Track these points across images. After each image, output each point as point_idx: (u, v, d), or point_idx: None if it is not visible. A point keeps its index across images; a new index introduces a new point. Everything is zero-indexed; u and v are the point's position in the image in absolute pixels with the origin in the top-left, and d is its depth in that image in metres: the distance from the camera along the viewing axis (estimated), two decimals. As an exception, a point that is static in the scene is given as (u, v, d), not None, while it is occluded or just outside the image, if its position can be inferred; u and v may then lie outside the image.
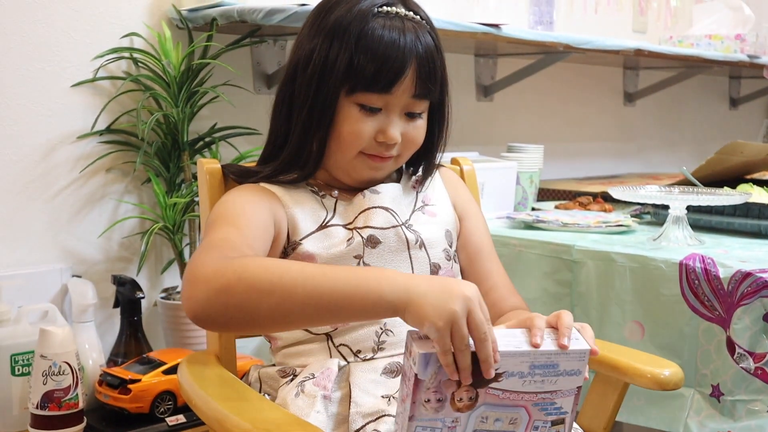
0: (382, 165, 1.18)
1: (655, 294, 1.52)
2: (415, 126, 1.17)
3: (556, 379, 0.93)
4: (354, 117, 1.13)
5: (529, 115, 2.76)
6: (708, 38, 2.96)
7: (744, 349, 1.41)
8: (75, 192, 1.74)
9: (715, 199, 1.67)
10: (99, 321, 1.73)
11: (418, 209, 1.23)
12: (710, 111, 3.55)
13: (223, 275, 0.94)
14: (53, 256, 1.72)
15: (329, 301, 0.93)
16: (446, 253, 1.21)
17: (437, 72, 1.15)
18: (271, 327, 1.03)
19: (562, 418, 0.95)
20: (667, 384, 1.16)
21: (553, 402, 0.94)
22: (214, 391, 1.07)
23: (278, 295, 0.93)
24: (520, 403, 0.93)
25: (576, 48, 2.24)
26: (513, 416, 0.94)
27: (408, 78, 1.12)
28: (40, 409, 1.46)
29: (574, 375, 0.94)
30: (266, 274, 0.94)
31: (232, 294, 0.93)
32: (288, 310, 0.93)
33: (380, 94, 1.12)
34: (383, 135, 1.14)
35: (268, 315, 0.94)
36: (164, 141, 1.76)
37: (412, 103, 1.15)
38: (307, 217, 1.17)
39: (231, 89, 1.85)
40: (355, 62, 1.11)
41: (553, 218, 1.87)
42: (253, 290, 0.93)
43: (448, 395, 0.91)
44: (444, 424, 0.93)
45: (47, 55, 1.69)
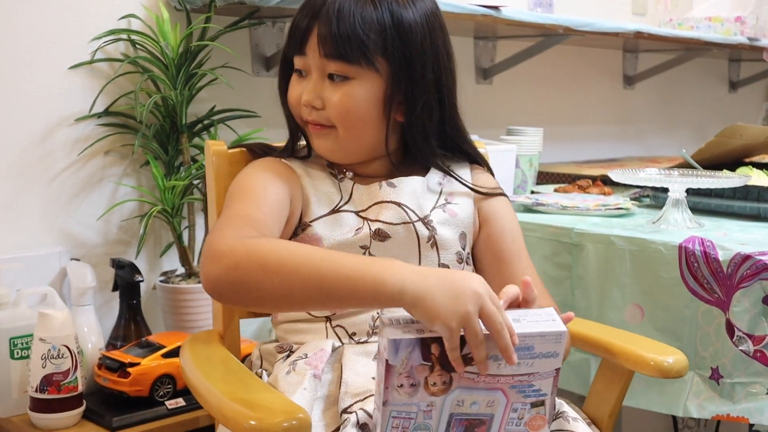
0: (319, 133, 1.17)
1: (654, 277, 1.52)
2: (338, 90, 1.14)
3: (533, 361, 0.93)
4: (292, 83, 1.18)
5: (528, 98, 2.76)
6: (708, 21, 2.95)
7: (743, 331, 1.41)
8: (73, 175, 1.74)
9: (714, 182, 1.66)
10: (98, 304, 1.73)
11: (440, 206, 1.21)
12: (710, 94, 3.54)
13: (236, 253, 0.98)
14: (52, 240, 1.71)
15: (331, 286, 0.95)
16: (458, 256, 1.20)
17: (349, 33, 1.10)
18: (276, 306, 1.04)
19: (542, 399, 0.95)
20: (669, 372, 1.15)
21: (531, 384, 0.93)
22: (209, 370, 1.09)
23: (283, 275, 0.96)
24: (496, 386, 0.93)
25: (576, 30, 2.23)
26: (490, 399, 0.93)
27: (313, 37, 1.12)
28: (40, 393, 1.46)
29: (551, 357, 0.93)
30: (274, 254, 0.97)
31: (241, 271, 0.97)
32: (291, 290, 0.96)
33: (300, 56, 1.15)
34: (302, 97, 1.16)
35: (272, 294, 0.97)
36: (163, 123, 1.75)
37: (326, 64, 1.13)
38: (321, 200, 1.18)
39: (229, 71, 1.84)
40: (292, 27, 1.16)
41: (553, 201, 1.86)
42: (260, 269, 0.96)
43: (421, 380, 0.92)
44: (419, 409, 0.93)
45: (45, 37, 1.68)
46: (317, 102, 1.15)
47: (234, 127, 1.86)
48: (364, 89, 1.14)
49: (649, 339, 1.26)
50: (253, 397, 0.97)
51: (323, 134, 1.17)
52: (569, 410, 1.13)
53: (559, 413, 1.11)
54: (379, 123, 1.17)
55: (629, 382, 1.23)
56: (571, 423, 1.10)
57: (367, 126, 1.16)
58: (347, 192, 1.19)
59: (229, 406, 0.95)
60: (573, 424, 1.09)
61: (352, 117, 1.15)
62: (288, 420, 0.89)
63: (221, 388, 1.01)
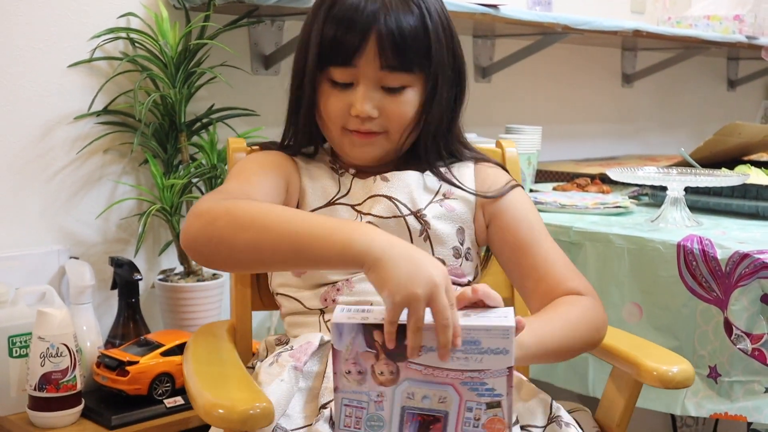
0: (365, 141, 1.16)
1: (653, 275, 1.52)
2: (398, 101, 1.15)
3: (481, 357, 0.91)
4: (328, 93, 1.15)
5: (527, 97, 2.76)
6: (706, 19, 2.95)
7: (741, 330, 1.41)
8: (72, 173, 1.74)
9: (713, 181, 1.66)
10: (97, 303, 1.73)
11: (436, 201, 1.21)
12: (708, 92, 3.54)
13: (214, 210, 1.01)
14: (50, 238, 1.71)
15: (301, 242, 0.96)
16: (455, 251, 1.20)
17: (410, 44, 1.11)
18: (248, 263, 1.04)
19: (498, 401, 0.92)
20: (671, 383, 1.12)
21: (484, 382, 0.91)
22: (202, 360, 1.13)
23: (255, 230, 0.98)
24: (446, 380, 0.91)
25: (574, 29, 2.23)
26: (441, 394, 0.92)
27: (370, 49, 1.11)
28: (38, 391, 1.46)
29: (501, 354, 0.90)
30: (249, 210, 1.00)
31: (216, 226, 0.99)
32: (262, 246, 0.97)
33: (345, 68, 1.12)
34: (353, 109, 1.13)
35: (244, 249, 0.98)
36: (161, 122, 1.75)
37: (384, 77, 1.13)
38: (317, 192, 1.19)
39: (228, 70, 1.84)
40: (324, 35, 1.12)
41: (551, 200, 1.87)
42: (234, 224, 0.99)
43: (368, 368, 0.92)
44: (369, 398, 0.93)
45: (44, 35, 1.68)
46: (374, 112, 1.14)
47: (233, 125, 1.86)
48: (416, 95, 1.16)
49: (654, 344, 1.24)
50: (228, 388, 1.00)
51: (371, 142, 1.17)
52: (564, 415, 1.11)
53: (554, 418, 1.10)
54: (416, 125, 1.18)
55: (638, 391, 1.20)
56: (563, 428, 1.08)
57: (412, 129, 1.18)
58: (346, 186, 1.20)
59: (203, 396, 0.98)
60: (565, 430, 1.08)
61: (406, 123, 1.17)
62: (252, 409, 0.93)
63: (203, 379, 1.04)
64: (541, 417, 1.10)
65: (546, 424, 1.09)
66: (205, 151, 1.75)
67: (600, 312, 1.14)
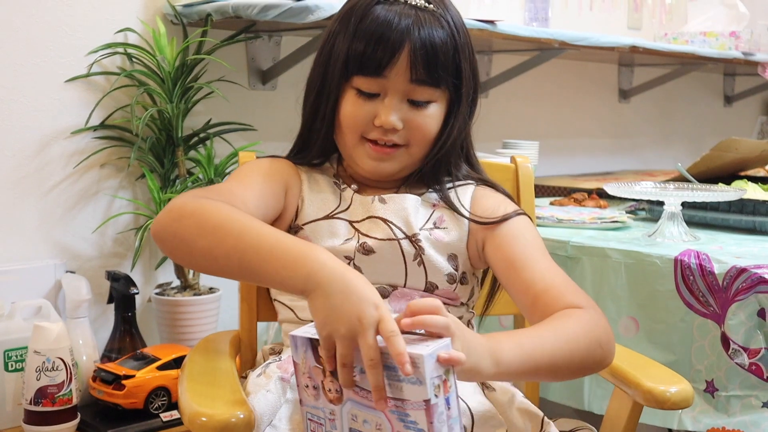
0: (384, 155, 1.15)
1: (649, 290, 1.52)
2: (422, 114, 1.14)
3: (401, 385, 0.86)
4: (352, 101, 1.14)
5: (524, 112, 2.76)
6: (703, 35, 2.97)
7: (738, 344, 1.41)
8: (69, 187, 1.74)
9: (710, 195, 1.67)
10: (93, 317, 1.72)
11: (427, 228, 1.18)
12: (705, 108, 3.55)
13: (185, 208, 1.01)
14: (47, 252, 1.71)
15: (251, 259, 0.96)
16: (449, 277, 1.17)
17: (441, 59, 1.12)
18: (204, 268, 1.04)
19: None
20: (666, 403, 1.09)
21: (407, 413, 0.86)
22: (196, 370, 1.14)
23: (213, 238, 0.98)
24: (381, 407, 0.87)
25: (571, 45, 2.24)
26: (378, 421, 0.89)
27: (402, 61, 1.10)
28: (34, 405, 1.46)
29: (416, 384, 0.85)
30: (215, 216, 1.00)
31: (181, 225, 1.00)
32: (216, 255, 0.98)
33: (374, 78, 1.12)
34: (378, 119, 1.13)
35: (200, 254, 0.99)
36: (158, 137, 1.75)
37: (412, 90, 1.12)
38: (316, 205, 1.18)
39: (226, 85, 1.85)
40: (353, 46, 1.11)
41: (549, 214, 1.87)
42: (196, 227, 0.99)
43: (319, 384, 0.92)
44: (325, 415, 0.93)
45: (41, 50, 1.68)
46: (399, 124, 1.13)
47: (230, 140, 1.86)
48: (440, 111, 1.16)
49: (654, 362, 1.21)
50: (212, 396, 1.02)
51: (390, 156, 1.15)
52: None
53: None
54: (437, 141, 1.18)
55: (640, 412, 1.16)
56: None
57: (433, 145, 1.18)
58: (346, 201, 1.19)
59: (189, 405, 0.99)
60: None
61: (429, 138, 1.16)
62: (233, 417, 0.94)
63: (193, 390, 1.05)
64: None
65: None
66: (202, 166, 1.75)
67: (602, 326, 1.06)
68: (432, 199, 1.21)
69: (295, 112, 1.22)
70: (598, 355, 1.04)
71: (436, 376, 0.85)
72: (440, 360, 0.85)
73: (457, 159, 1.22)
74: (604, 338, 1.05)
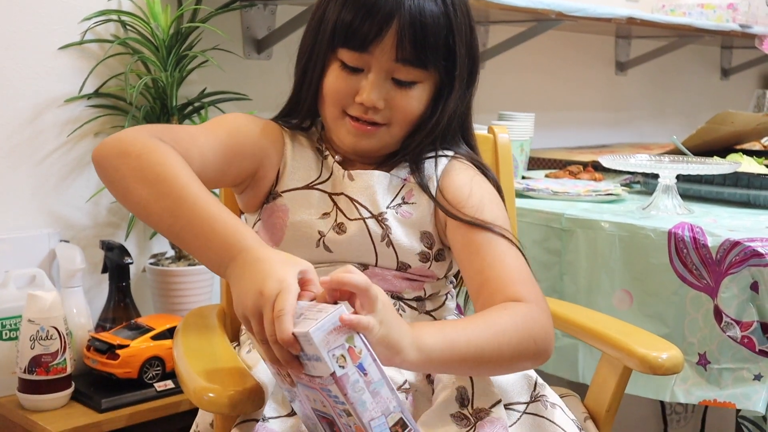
0: (364, 133, 1.12)
1: (643, 262, 1.52)
2: (406, 95, 1.11)
3: (310, 363, 0.85)
4: (336, 74, 1.12)
5: (520, 84, 2.75)
6: (700, 7, 2.95)
7: (731, 317, 1.41)
8: (62, 156, 1.73)
9: (704, 168, 1.67)
10: (87, 286, 1.72)
11: (394, 206, 1.15)
12: (701, 81, 3.54)
13: (134, 145, 0.98)
14: (41, 221, 1.71)
15: (181, 227, 0.95)
16: (422, 256, 1.15)
17: (430, 40, 1.08)
18: (136, 213, 1.02)
19: (347, 409, 0.84)
20: (660, 369, 1.11)
21: (329, 389, 0.85)
22: (191, 344, 1.12)
23: (151, 190, 0.96)
24: (314, 386, 0.87)
25: (568, 15, 2.23)
26: (320, 399, 0.88)
27: (387, 39, 1.07)
28: (28, 374, 1.46)
29: (319, 361, 0.83)
30: (159, 167, 0.97)
31: (123, 162, 0.97)
32: (150, 211, 0.96)
33: (358, 53, 1.09)
34: (359, 96, 1.10)
35: (135, 202, 0.97)
36: (153, 105, 1.74)
37: (396, 68, 1.09)
38: (298, 173, 1.16)
39: (220, 54, 1.83)
40: (341, 17, 1.09)
41: (544, 187, 1.87)
42: (138, 171, 0.96)
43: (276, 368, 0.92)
44: (298, 397, 0.92)
45: (34, 17, 1.67)
46: (381, 103, 1.10)
47: (225, 109, 1.85)
48: (425, 92, 1.13)
49: (643, 331, 1.23)
50: (217, 371, 1.00)
51: (371, 134, 1.13)
52: (550, 394, 1.10)
53: (538, 396, 1.09)
54: (420, 123, 1.15)
55: (627, 378, 1.20)
56: (548, 409, 1.07)
57: (415, 126, 1.15)
58: (327, 171, 1.17)
59: (193, 380, 0.97)
60: (550, 411, 1.07)
61: (411, 119, 1.14)
62: (242, 392, 0.93)
63: (194, 363, 1.03)
64: (525, 393, 1.09)
65: (529, 401, 1.08)
66: (197, 135, 1.74)
67: (540, 321, 1.03)
68: (403, 174, 1.18)
69: (290, 82, 1.21)
70: (531, 350, 1.02)
71: (335, 347, 0.83)
72: (342, 321, 0.83)
73: (452, 139, 1.19)
74: (540, 334, 1.03)
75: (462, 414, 1.02)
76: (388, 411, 0.86)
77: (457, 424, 1.01)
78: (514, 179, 1.43)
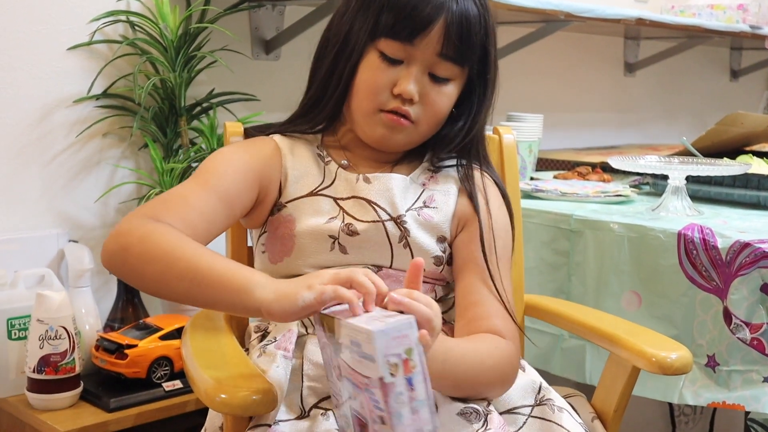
0: (397, 125, 1.12)
1: (652, 264, 1.52)
2: (439, 91, 1.12)
3: (362, 360, 0.85)
4: (374, 65, 1.10)
5: (528, 85, 2.75)
6: (710, 8, 2.94)
7: (741, 319, 1.41)
8: (71, 157, 1.73)
9: (714, 170, 1.66)
10: (96, 286, 1.73)
11: (416, 208, 1.16)
12: (711, 82, 3.53)
13: (131, 235, 1.00)
14: (50, 221, 1.71)
15: (201, 282, 0.96)
16: (436, 260, 1.16)
17: (472, 39, 1.10)
18: (156, 293, 1.03)
19: (382, 416, 0.84)
20: (670, 369, 1.12)
21: (371, 391, 0.84)
22: (200, 345, 1.12)
23: (162, 264, 0.97)
24: (359, 383, 0.87)
25: (577, 16, 2.22)
26: (361, 399, 0.88)
27: (434, 32, 1.07)
28: (37, 373, 1.46)
29: (371, 361, 0.83)
30: (161, 243, 0.99)
31: (128, 254, 0.99)
32: (167, 280, 0.97)
33: (402, 44, 1.08)
34: (398, 87, 1.09)
35: (152, 281, 0.99)
36: (161, 106, 1.75)
37: (437, 63, 1.10)
38: (301, 182, 1.15)
39: (229, 54, 1.83)
40: (388, 6, 1.08)
41: (552, 188, 1.86)
42: (144, 255, 0.98)
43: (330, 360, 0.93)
44: (338, 390, 0.93)
45: (43, 18, 1.67)
46: (417, 97, 1.10)
47: (233, 110, 1.86)
48: (455, 90, 1.14)
49: (652, 331, 1.23)
50: (229, 372, 0.99)
51: (402, 128, 1.12)
52: (556, 398, 1.11)
53: (544, 400, 1.09)
54: (447, 120, 1.17)
55: (635, 378, 1.19)
56: (556, 413, 1.07)
57: (439, 123, 1.16)
58: (330, 176, 1.16)
59: (204, 381, 0.97)
60: (557, 414, 1.07)
61: (440, 118, 1.15)
62: (255, 394, 0.92)
63: (204, 363, 1.03)
64: (529, 397, 1.09)
65: (534, 405, 1.08)
66: (205, 136, 1.74)
67: (513, 360, 1.09)
68: (422, 179, 1.19)
69: (299, 83, 1.20)
70: (497, 383, 1.09)
71: (392, 354, 0.83)
72: (422, 336, 0.85)
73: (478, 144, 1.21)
74: (509, 370, 1.09)
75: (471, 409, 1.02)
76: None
77: (467, 419, 1.01)
78: (519, 180, 1.43)
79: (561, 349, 1.62)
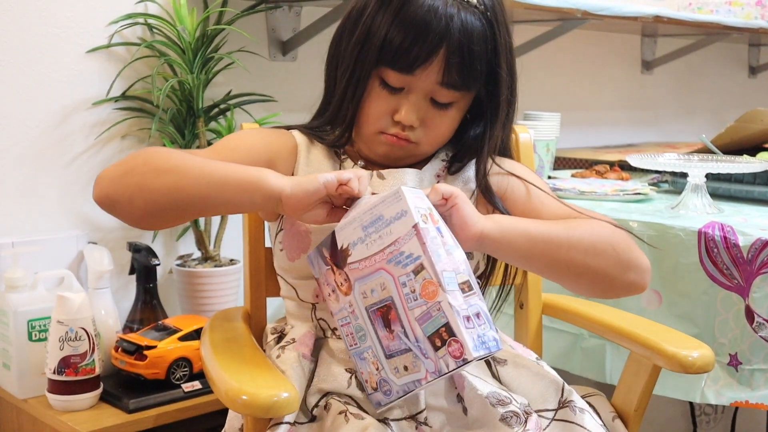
0: (398, 145, 1.12)
1: (673, 262, 1.51)
2: (441, 115, 1.11)
3: (389, 228, 0.96)
4: (375, 93, 1.10)
5: (545, 83, 2.74)
6: (728, 4, 2.92)
7: (763, 317, 1.40)
8: (90, 158, 1.74)
9: (734, 167, 1.65)
10: (115, 288, 1.73)
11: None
12: (729, 79, 3.51)
13: (133, 160, 1.03)
14: (69, 223, 1.72)
15: (218, 182, 1.00)
16: None
17: (475, 65, 1.07)
18: (169, 207, 1.03)
19: (419, 263, 0.93)
20: (691, 368, 1.11)
21: (402, 251, 0.94)
22: (220, 346, 1.12)
23: (175, 173, 1.01)
24: (376, 266, 0.97)
25: (594, 14, 2.21)
26: (380, 282, 0.96)
27: (435, 63, 1.06)
28: (57, 375, 1.47)
29: (402, 217, 0.95)
30: (170, 156, 1.03)
31: (134, 174, 1.01)
32: (182, 187, 1.01)
33: (401, 74, 1.08)
34: (398, 114, 1.09)
35: (165, 192, 1.01)
36: (179, 108, 1.75)
37: (437, 91, 1.09)
38: None
39: (246, 56, 1.84)
40: (390, 35, 1.06)
41: (570, 186, 1.85)
42: (154, 170, 1.01)
43: (334, 284, 1.01)
44: (348, 311, 1.01)
45: (62, 21, 1.68)
46: (417, 123, 1.10)
47: (250, 111, 1.86)
48: (459, 112, 1.14)
49: (673, 330, 1.22)
50: (250, 373, 0.99)
51: (402, 147, 1.13)
52: (577, 399, 1.10)
53: (566, 402, 1.09)
54: (450, 140, 1.18)
55: (656, 377, 1.19)
56: (577, 414, 1.07)
57: (442, 143, 1.17)
58: None
59: (225, 382, 0.97)
60: (579, 416, 1.07)
61: (442, 140, 1.15)
62: (276, 396, 0.92)
63: (224, 364, 1.03)
64: (553, 400, 1.09)
65: (557, 408, 1.08)
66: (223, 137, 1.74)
67: (623, 235, 1.10)
68: (435, 170, 1.19)
69: (316, 83, 1.20)
70: (610, 256, 1.07)
71: (420, 206, 0.96)
72: (437, 187, 1.00)
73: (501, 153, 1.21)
74: (621, 244, 1.08)
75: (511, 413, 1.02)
76: (458, 270, 0.94)
77: (507, 424, 1.00)
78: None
79: (581, 349, 1.62)
